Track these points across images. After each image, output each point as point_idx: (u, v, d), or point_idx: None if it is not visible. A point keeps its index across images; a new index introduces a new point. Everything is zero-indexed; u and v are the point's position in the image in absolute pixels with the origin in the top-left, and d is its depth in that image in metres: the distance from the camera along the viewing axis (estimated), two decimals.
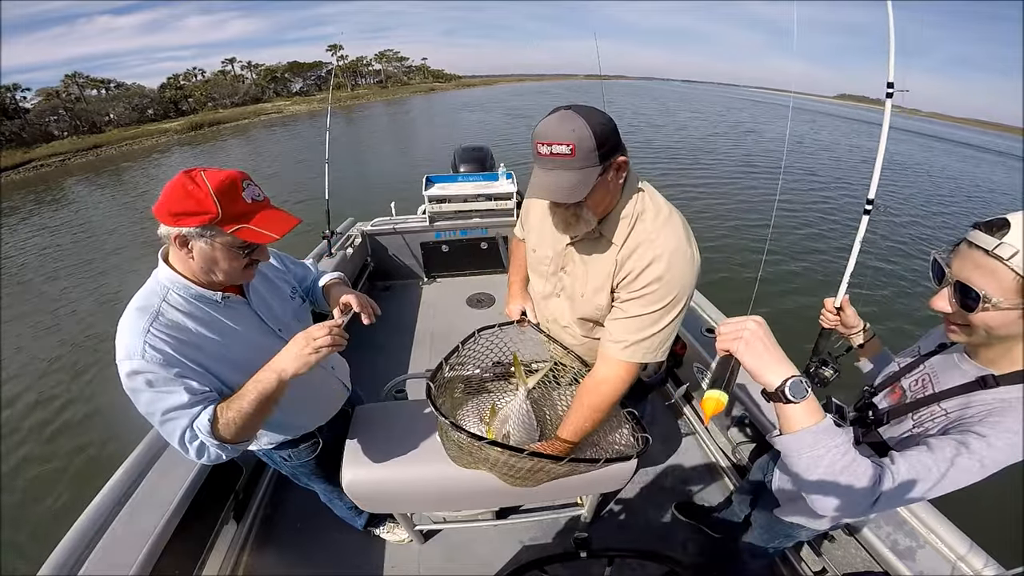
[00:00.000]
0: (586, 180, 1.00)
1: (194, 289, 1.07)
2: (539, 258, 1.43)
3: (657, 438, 2.61)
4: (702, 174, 15.32)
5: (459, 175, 4.37)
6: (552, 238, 1.34)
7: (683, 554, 2.05)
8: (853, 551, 1.67)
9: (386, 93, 74.80)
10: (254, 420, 1.02)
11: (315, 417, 1.50)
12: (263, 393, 1.00)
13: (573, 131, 0.97)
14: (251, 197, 1.01)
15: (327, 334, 1.03)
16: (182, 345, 1.02)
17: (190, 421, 0.99)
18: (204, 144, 29.23)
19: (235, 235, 0.99)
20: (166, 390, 0.98)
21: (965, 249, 0.80)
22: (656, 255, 1.12)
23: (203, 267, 1.04)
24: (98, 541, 1.42)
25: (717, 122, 34.08)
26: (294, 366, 1.01)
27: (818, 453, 0.78)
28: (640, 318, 1.16)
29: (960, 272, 0.80)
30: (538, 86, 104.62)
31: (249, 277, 1.15)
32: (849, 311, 1.36)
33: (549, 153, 0.98)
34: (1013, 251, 0.71)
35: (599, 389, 1.24)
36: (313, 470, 1.60)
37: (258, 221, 1.01)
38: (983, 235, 0.76)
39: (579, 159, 0.98)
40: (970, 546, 1.42)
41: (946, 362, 0.99)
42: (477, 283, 4.27)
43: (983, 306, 0.76)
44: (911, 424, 0.97)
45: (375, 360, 3.32)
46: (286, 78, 73.77)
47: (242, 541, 1.99)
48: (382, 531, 2.06)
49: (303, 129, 31.90)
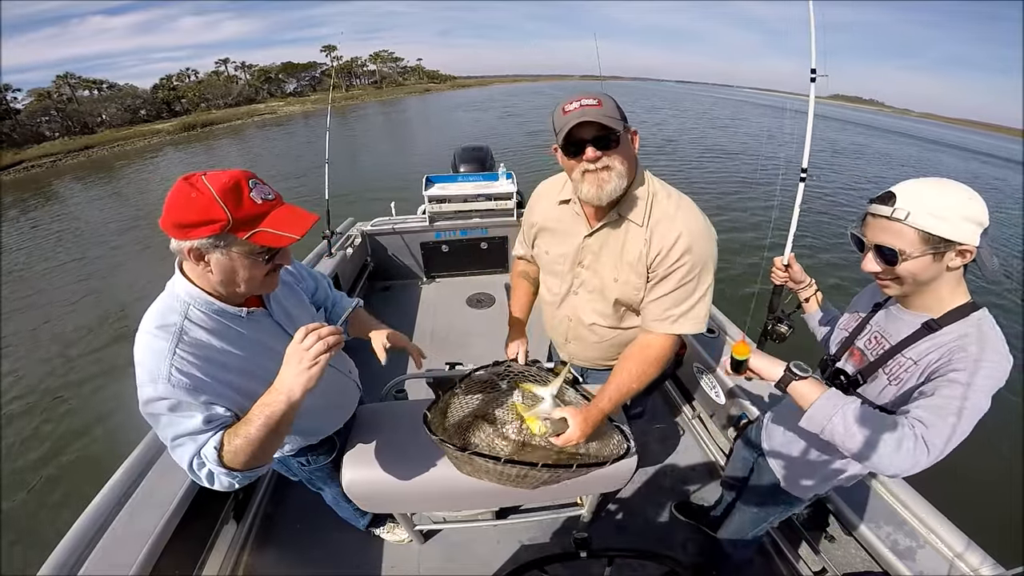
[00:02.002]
0: (616, 124, 1.10)
1: (216, 305, 1.00)
2: (554, 258, 1.45)
3: (657, 438, 2.62)
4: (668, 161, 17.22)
5: (459, 175, 4.37)
6: (568, 235, 1.39)
7: (683, 554, 2.06)
8: (853, 551, 1.68)
9: (381, 94, 74.58)
10: (264, 446, 0.93)
11: (336, 421, 1.48)
12: (271, 417, 0.91)
13: (599, 95, 1.11)
14: (260, 197, 0.93)
15: (318, 339, 0.91)
16: (209, 366, 0.96)
17: (197, 448, 0.93)
18: (197, 144, 29.04)
19: (251, 240, 0.92)
20: (184, 415, 0.92)
21: (871, 220, 1.00)
22: (681, 230, 1.21)
23: (223, 279, 0.96)
24: (98, 541, 1.42)
25: (694, 118, 36.64)
26: (300, 384, 0.90)
27: (845, 412, 0.95)
28: (677, 291, 1.25)
29: (874, 238, 0.99)
30: (534, 87, 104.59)
31: (273, 286, 1.08)
32: (796, 267, 1.53)
33: (579, 106, 1.09)
34: (906, 212, 0.92)
35: (645, 353, 1.31)
36: (330, 474, 1.58)
37: (273, 222, 0.93)
38: (881, 206, 0.96)
39: (606, 111, 1.09)
40: (970, 546, 1.43)
41: (889, 317, 1.15)
42: (477, 283, 4.27)
43: (902, 258, 0.95)
44: (885, 379, 1.09)
45: (375, 360, 3.28)
46: (280, 79, 73.35)
47: (242, 541, 1.98)
48: (382, 531, 2.05)
49: (298, 129, 31.80)
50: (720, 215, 10.26)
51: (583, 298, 1.45)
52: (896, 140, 38.35)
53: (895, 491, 1.62)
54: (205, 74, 64.75)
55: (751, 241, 8.62)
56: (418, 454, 1.29)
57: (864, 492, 1.65)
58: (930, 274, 0.96)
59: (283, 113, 48.11)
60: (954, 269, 0.96)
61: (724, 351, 2.48)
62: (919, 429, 0.91)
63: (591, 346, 1.54)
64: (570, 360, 1.65)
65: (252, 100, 62.99)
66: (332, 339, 0.92)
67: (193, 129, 37.57)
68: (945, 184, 0.93)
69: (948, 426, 0.90)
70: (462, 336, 3.49)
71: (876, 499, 1.63)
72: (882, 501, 1.62)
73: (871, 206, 0.99)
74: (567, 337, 1.59)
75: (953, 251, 0.92)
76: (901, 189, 0.95)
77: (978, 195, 0.91)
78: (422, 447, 1.36)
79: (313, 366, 0.90)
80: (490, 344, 1.65)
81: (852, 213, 11.19)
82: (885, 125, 54.13)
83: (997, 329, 0.97)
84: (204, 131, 36.61)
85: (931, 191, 0.92)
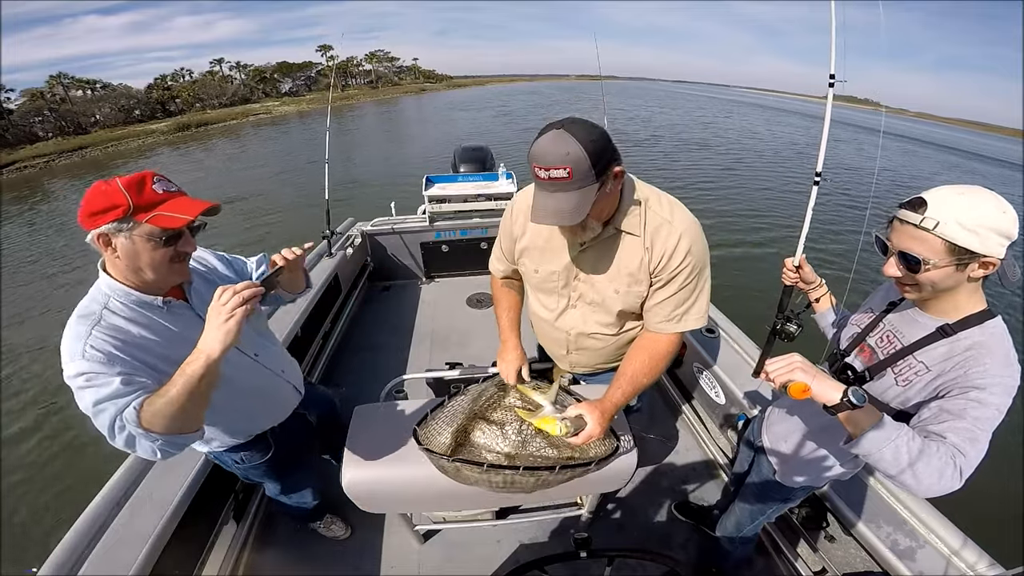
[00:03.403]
0: (586, 199, 1.05)
1: (134, 295, 1.09)
2: (544, 276, 1.42)
3: (657, 438, 2.62)
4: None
5: (459, 175, 4.37)
6: (558, 252, 1.36)
7: (683, 554, 2.06)
8: (853, 551, 1.68)
9: (376, 94, 74.48)
10: (185, 407, 0.96)
11: (262, 421, 1.51)
12: (192, 376, 0.93)
13: (568, 155, 1.00)
14: (162, 189, 1.04)
15: (233, 294, 0.95)
16: (125, 345, 1.03)
17: (118, 411, 0.97)
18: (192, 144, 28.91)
19: (150, 223, 1.01)
20: (102, 382, 0.97)
21: (898, 225, 0.98)
22: (681, 232, 1.22)
23: (129, 264, 1.05)
24: (98, 541, 1.42)
25: (682, 115, 38.04)
26: (219, 339, 0.94)
27: (898, 443, 0.91)
28: (681, 292, 1.27)
29: (900, 244, 0.98)
30: (530, 86, 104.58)
31: (182, 274, 1.15)
32: (806, 268, 1.54)
33: (548, 178, 1.03)
34: (935, 222, 0.90)
35: (655, 347, 1.33)
36: (265, 472, 1.62)
37: (170, 207, 1.03)
38: (909, 212, 0.95)
39: (577, 180, 1.02)
40: (970, 546, 1.44)
41: (903, 318, 1.14)
42: (477, 283, 4.26)
43: (925, 267, 0.94)
44: (893, 378, 1.09)
45: (375, 360, 3.31)
46: (275, 79, 73.06)
47: (242, 541, 1.98)
48: (318, 526, 2.07)
49: (294, 129, 31.73)
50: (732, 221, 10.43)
51: (583, 311, 1.43)
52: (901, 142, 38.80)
53: (895, 491, 1.63)
54: (200, 74, 64.63)
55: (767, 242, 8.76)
56: (418, 454, 1.29)
57: (864, 492, 1.66)
58: (951, 283, 0.96)
59: (278, 113, 47.98)
60: (975, 279, 0.96)
61: (722, 350, 2.49)
62: (959, 460, 0.91)
63: (595, 354, 1.54)
64: (572, 368, 1.64)
65: (247, 100, 62.74)
66: (248, 292, 0.96)
67: (188, 129, 37.33)
68: (977, 194, 0.91)
69: (978, 453, 0.92)
70: (462, 336, 3.50)
71: (876, 499, 1.64)
72: (882, 501, 1.63)
73: (899, 211, 0.98)
74: (568, 349, 1.57)
75: (977, 262, 0.91)
76: (932, 196, 0.93)
77: (1010, 207, 0.90)
78: None
79: (230, 319, 0.94)
80: (490, 344, 1.65)
81: (852, 214, 11.23)
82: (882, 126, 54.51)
83: (1009, 338, 0.97)
84: (199, 131, 36.40)
85: (962, 201, 0.90)
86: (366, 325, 3.79)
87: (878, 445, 0.92)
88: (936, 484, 0.91)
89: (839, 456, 1.30)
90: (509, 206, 1.48)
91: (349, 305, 3.84)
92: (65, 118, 41.62)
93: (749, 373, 2.28)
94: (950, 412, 0.95)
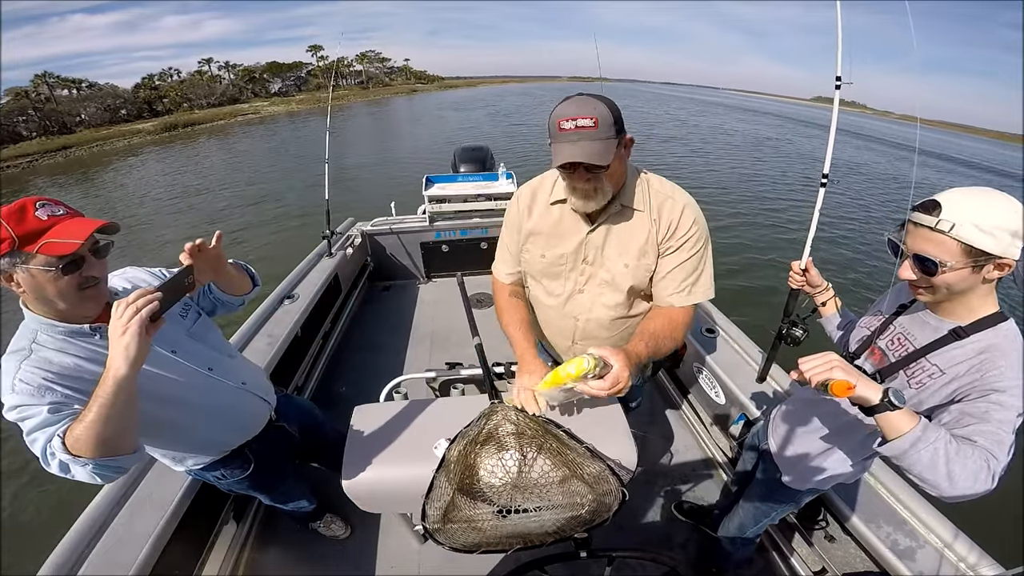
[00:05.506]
0: (609, 148, 1.11)
1: (60, 326, 1.06)
2: (552, 260, 1.43)
3: (657, 438, 2.63)
4: None
5: (459, 175, 4.37)
6: (566, 235, 1.38)
7: (683, 554, 2.07)
8: (853, 551, 1.69)
9: (367, 94, 74.17)
10: (108, 431, 0.93)
11: (232, 435, 1.48)
12: (104, 397, 0.91)
13: (595, 109, 1.10)
14: (47, 214, 0.99)
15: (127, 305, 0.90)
16: (57, 376, 1.02)
17: (47, 439, 0.96)
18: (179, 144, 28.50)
19: (41, 252, 0.96)
20: (32, 413, 0.97)
21: (912, 228, 0.98)
22: (683, 204, 1.30)
23: (37, 297, 1.01)
24: (98, 541, 1.42)
25: (659, 113, 39.58)
26: (120, 356, 0.89)
27: (936, 446, 0.90)
28: (689, 261, 1.32)
29: (915, 246, 0.98)
30: (521, 87, 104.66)
31: (98, 298, 1.10)
32: (813, 272, 1.54)
33: (574, 127, 1.09)
34: (951, 224, 0.90)
35: (671, 316, 1.34)
36: (249, 486, 1.60)
37: (58, 232, 0.98)
38: (924, 215, 0.94)
39: (601, 130, 1.10)
40: (970, 546, 1.45)
41: (915, 320, 1.14)
42: (477, 283, 4.24)
43: (941, 270, 0.94)
44: (905, 380, 1.09)
45: (375, 360, 3.30)
46: (265, 79, 72.56)
47: (242, 541, 1.97)
48: (318, 526, 2.07)
49: (283, 130, 31.47)
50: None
51: (591, 294, 1.44)
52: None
53: (895, 491, 1.64)
54: (188, 74, 63.94)
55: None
56: (418, 454, 1.28)
57: (863, 491, 1.66)
58: (966, 285, 0.96)
59: (267, 113, 47.56)
60: (990, 281, 0.96)
61: (722, 350, 2.50)
62: (992, 463, 0.91)
63: (603, 342, 1.51)
64: None
65: (236, 100, 62.21)
66: (141, 301, 0.91)
67: (175, 129, 36.83)
68: (990, 196, 0.92)
69: (1006, 455, 0.92)
70: (462, 336, 3.47)
71: (876, 498, 1.65)
72: (882, 500, 1.64)
73: (913, 214, 0.98)
74: (574, 339, 1.55)
75: (992, 264, 0.92)
76: (946, 199, 0.93)
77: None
78: (421, 447, 1.35)
79: (124, 332, 0.89)
80: (490, 344, 1.63)
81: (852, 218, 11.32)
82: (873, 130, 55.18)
83: (1022, 340, 0.98)
84: (186, 131, 35.95)
85: (977, 202, 0.91)
86: (366, 325, 3.78)
87: (918, 447, 0.91)
88: (971, 487, 0.90)
89: (852, 457, 1.29)
90: (514, 198, 1.51)
91: (349, 305, 3.83)
92: (50, 117, 40.97)
93: (749, 373, 2.29)
94: (972, 415, 0.95)
